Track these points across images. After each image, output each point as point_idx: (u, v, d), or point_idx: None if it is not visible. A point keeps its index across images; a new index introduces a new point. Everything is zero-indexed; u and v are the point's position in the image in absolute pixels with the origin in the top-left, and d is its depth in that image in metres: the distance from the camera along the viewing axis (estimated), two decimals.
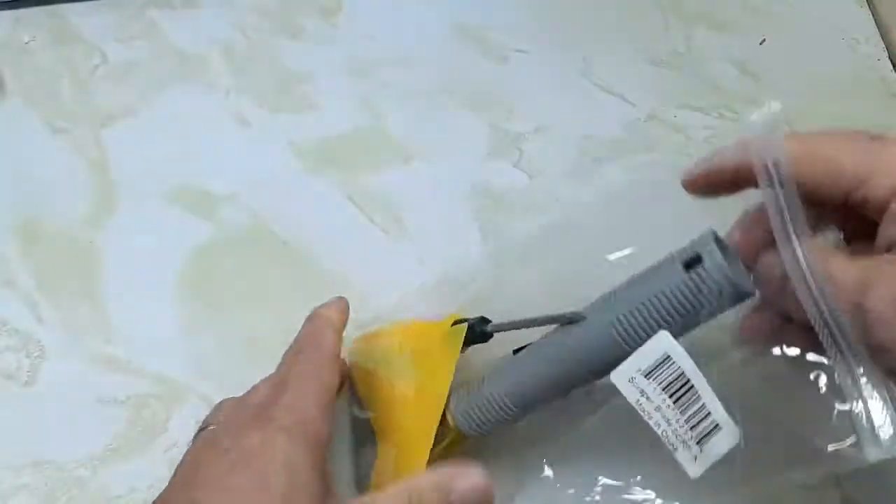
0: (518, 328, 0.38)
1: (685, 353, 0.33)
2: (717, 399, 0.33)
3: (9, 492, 0.41)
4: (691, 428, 0.33)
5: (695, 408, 0.33)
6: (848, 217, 0.31)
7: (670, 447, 0.33)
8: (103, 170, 0.53)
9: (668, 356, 0.33)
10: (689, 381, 0.33)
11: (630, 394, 0.34)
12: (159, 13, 0.61)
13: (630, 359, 0.34)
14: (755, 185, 0.31)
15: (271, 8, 0.62)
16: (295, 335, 0.45)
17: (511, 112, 0.55)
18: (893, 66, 0.58)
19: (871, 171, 0.29)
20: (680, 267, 0.33)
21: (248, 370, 0.41)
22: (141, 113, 0.56)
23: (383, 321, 0.42)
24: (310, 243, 0.49)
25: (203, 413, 0.41)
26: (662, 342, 0.34)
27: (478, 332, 0.38)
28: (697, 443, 0.33)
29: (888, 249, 0.28)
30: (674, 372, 0.33)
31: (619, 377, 0.34)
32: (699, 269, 0.33)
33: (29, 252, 0.49)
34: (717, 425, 0.33)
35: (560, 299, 0.37)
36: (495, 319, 0.39)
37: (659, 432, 0.33)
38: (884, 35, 0.60)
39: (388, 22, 0.61)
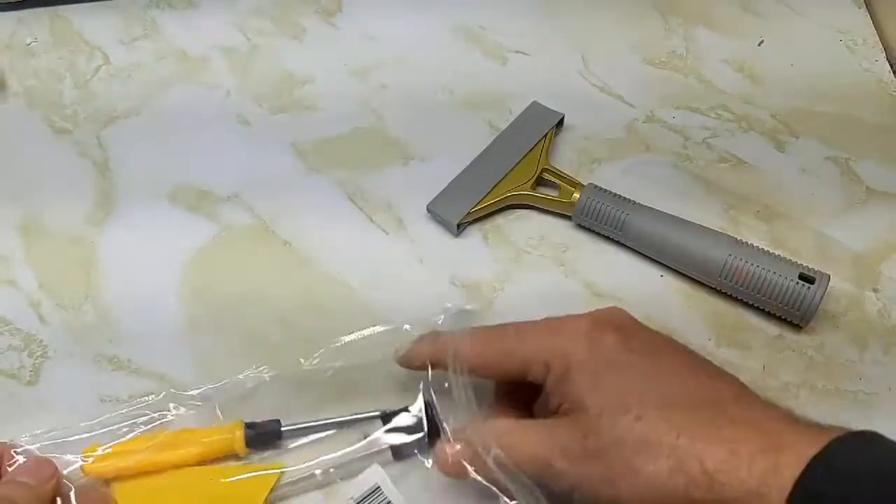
0: (317, 430, 0.41)
1: (392, 485, 0.38)
2: None
3: None
4: None
5: None
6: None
7: None
8: (105, 170, 0.53)
9: (378, 487, 0.38)
10: None
11: None
12: (161, 14, 0.62)
13: (345, 487, 0.38)
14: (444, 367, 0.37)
15: (272, 9, 0.62)
16: (294, 334, 0.45)
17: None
18: (891, 67, 0.58)
19: (524, 361, 0.36)
20: None
21: (248, 370, 0.42)
22: (142, 113, 0.56)
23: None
24: (310, 243, 0.50)
25: (203, 411, 0.41)
26: (375, 474, 0.38)
27: (270, 433, 0.40)
28: None
29: (553, 413, 0.35)
30: (382, 501, 0.38)
31: None
32: None
33: (31, 252, 0.49)
34: None
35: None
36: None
37: None
38: (882, 36, 0.60)
39: (388, 22, 0.61)
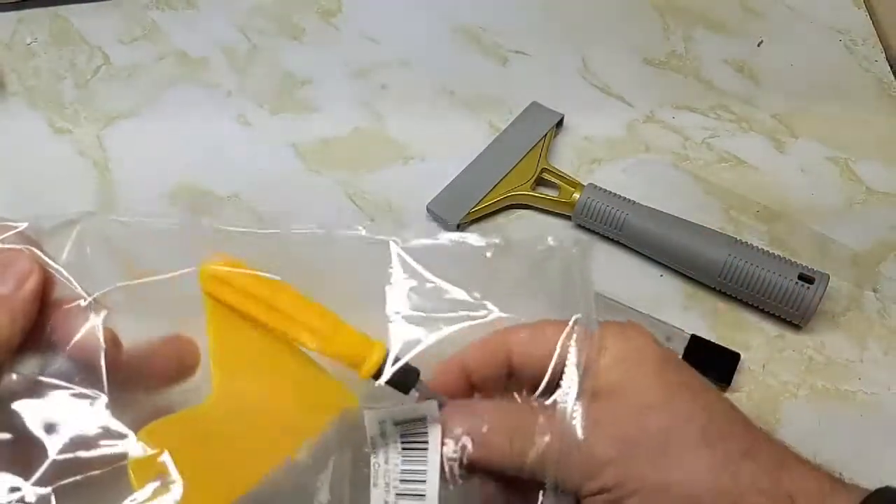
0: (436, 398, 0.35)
1: (440, 428, 0.34)
2: (438, 476, 0.33)
3: None
4: (402, 481, 0.34)
5: (417, 467, 0.34)
6: None
7: (373, 481, 0.34)
8: (105, 170, 0.53)
9: (425, 418, 0.34)
10: (427, 447, 0.34)
11: (372, 428, 0.34)
12: (161, 15, 0.62)
13: (390, 408, 0.34)
14: None
15: (272, 9, 0.62)
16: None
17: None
18: (891, 68, 0.58)
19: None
20: None
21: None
22: (142, 114, 0.56)
23: None
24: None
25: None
26: (430, 408, 0.34)
27: (400, 380, 0.34)
28: (397, 494, 0.33)
29: None
30: (420, 434, 0.34)
31: (371, 417, 0.34)
32: None
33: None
34: (423, 495, 0.33)
35: None
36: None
37: (373, 462, 0.34)
38: (881, 37, 0.60)
39: (388, 23, 0.61)
